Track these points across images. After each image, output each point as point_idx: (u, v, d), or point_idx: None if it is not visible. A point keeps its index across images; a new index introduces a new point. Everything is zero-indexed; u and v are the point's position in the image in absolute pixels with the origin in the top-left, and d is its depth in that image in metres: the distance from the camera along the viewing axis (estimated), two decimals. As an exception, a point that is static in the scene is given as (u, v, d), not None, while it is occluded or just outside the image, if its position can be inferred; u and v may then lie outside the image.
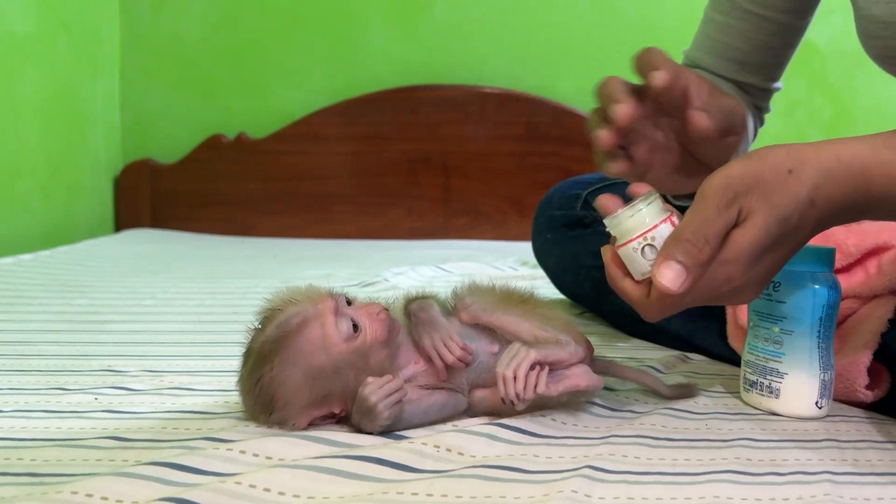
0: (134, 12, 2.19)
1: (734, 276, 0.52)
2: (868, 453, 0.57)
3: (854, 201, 0.53)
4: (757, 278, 0.54)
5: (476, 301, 0.64)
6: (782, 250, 0.54)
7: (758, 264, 0.53)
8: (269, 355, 0.58)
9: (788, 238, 0.53)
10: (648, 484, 0.50)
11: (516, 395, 0.57)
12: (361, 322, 0.59)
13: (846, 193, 0.52)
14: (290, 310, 0.59)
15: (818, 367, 0.63)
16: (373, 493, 0.48)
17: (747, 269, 0.52)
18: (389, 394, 0.56)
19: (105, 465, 0.52)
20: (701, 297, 0.53)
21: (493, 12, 2.15)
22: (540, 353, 0.59)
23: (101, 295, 1.18)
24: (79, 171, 2.03)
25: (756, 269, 0.53)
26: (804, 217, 0.52)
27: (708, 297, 0.54)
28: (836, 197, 0.52)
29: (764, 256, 0.53)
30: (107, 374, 0.75)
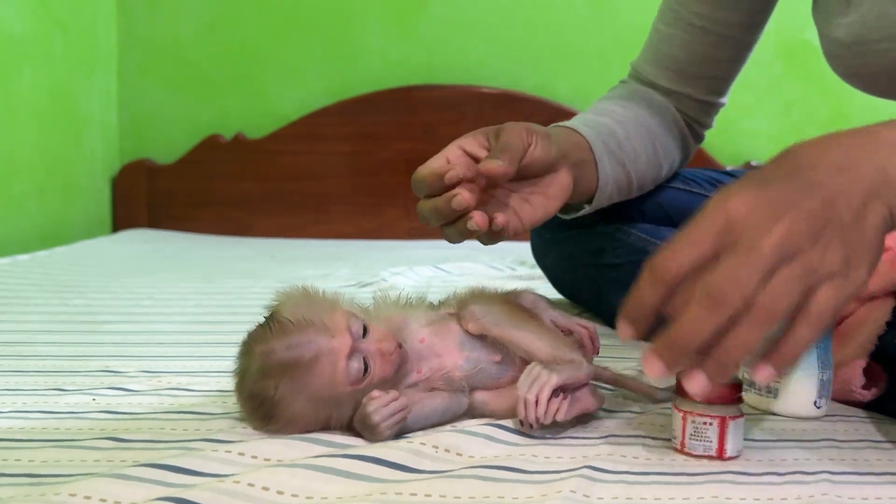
0: (130, 12, 2.19)
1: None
2: (866, 453, 0.57)
3: None
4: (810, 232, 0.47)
5: (486, 313, 0.63)
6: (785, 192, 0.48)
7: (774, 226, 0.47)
8: (275, 374, 0.56)
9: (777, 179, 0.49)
10: (647, 484, 0.50)
11: (536, 419, 0.56)
12: (372, 362, 0.58)
13: None
14: (304, 335, 0.57)
15: (817, 366, 0.63)
16: (371, 493, 0.48)
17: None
18: (393, 413, 0.56)
19: (103, 466, 0.52)
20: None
21: (490, 12, 2.15)
22: (561, 378, 0.57)
23: (99, 295, 1.18)
24: (75, 172, 2.02)
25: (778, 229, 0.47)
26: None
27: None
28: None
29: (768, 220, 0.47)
30: (104, 374, 0.75)
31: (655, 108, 0.90)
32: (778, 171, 0.50)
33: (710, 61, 0.88)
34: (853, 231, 0.48)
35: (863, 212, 0.48)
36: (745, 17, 0.87)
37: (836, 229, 0.47)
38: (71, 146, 2.00)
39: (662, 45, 0.90)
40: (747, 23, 0.87)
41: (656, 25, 0.92)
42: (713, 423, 0.53)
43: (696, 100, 0.91)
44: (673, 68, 0.90)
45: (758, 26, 0.88)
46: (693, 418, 0.54)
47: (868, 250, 0.48)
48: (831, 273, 0.47)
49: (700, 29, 0.87)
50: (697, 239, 0.48)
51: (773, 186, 0.48)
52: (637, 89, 0.93)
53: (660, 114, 0.90)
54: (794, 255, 0.46)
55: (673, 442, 0.55)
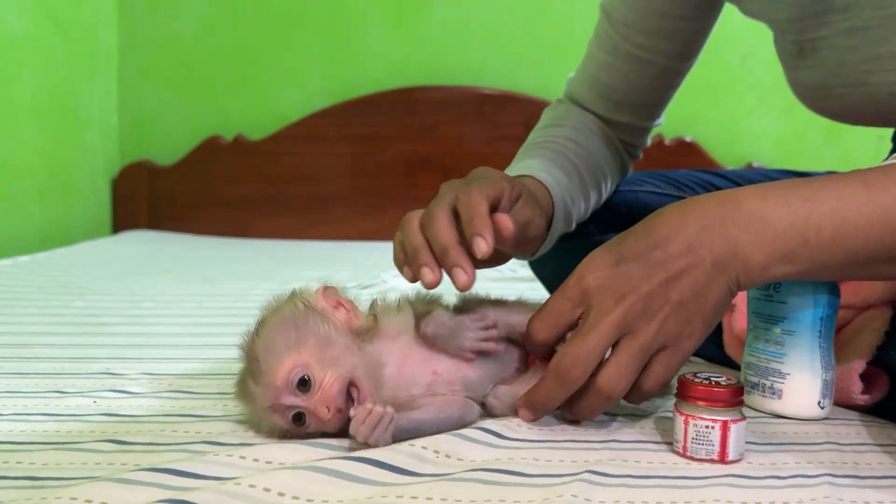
0: (131, 13, 2.19)
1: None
2: (868, 456, 0.56)
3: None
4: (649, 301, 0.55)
5: (499, 314, 0.63)
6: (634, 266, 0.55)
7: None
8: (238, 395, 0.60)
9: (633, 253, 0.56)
10: (649, 488, 0.50)
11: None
12: (309, 418, 0.56)
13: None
14: (244, 372, 0.59)
15: (820, 366, 0.63)
16: (372, 496, 0.48)
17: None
18: (374, 426, 0.54)
19: (104, 469, 0.52)
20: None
21: (491, 13, 2.15)
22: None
23: (99, 297, 1.18)
24: (76, 173, 2.02)
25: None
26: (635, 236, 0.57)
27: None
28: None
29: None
30: (105, 376, 0.75)
31: (601, 140, 0.89)
32: (635, 246, 0.56)
33: (648, 90, 0.88)
34: (692, 307, 0.55)
35: (704, 290, 0.55)
36: (682, 47, 0.86)
37: (674, 307, 0.54)
38: (71, 147, 2.00)
39: (601, 73, 0.88)
40: (684, 52, 0.87)
41: (593, 51, 0.89)
42: (715, 426, 0.53)
43: (634, 126, 0.91)
44: (613, 98, 0.89)
45: (694, 55, 0.88)
46: (695, 422, 0.54)
47: (703, 322, 0.55)
48: (664, 345, 0.55)
49: (639, 59, 0.85)
50: (559, 309, 0.58)
51: (625, 266, 0.56)
52: (582, 118, 0.90)
53: (607, 146, 0.90)
54: (633, 332, 0.55)
55: (675, 446, 0.55)
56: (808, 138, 2.07)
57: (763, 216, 0.54)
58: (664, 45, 0.84)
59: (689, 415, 0.54)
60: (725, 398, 0.53)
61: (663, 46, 0.84)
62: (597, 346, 0.55)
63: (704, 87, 2.04)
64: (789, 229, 0.54)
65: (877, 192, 0.53)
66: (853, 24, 0.68)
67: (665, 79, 0.88)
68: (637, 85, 0.87)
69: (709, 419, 0.53)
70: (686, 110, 2.02)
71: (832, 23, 0.69)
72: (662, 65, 0.86)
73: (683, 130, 2.07)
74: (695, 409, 0.54)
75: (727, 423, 0.53)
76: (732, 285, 0.55)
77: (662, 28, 0.84)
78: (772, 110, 2.08)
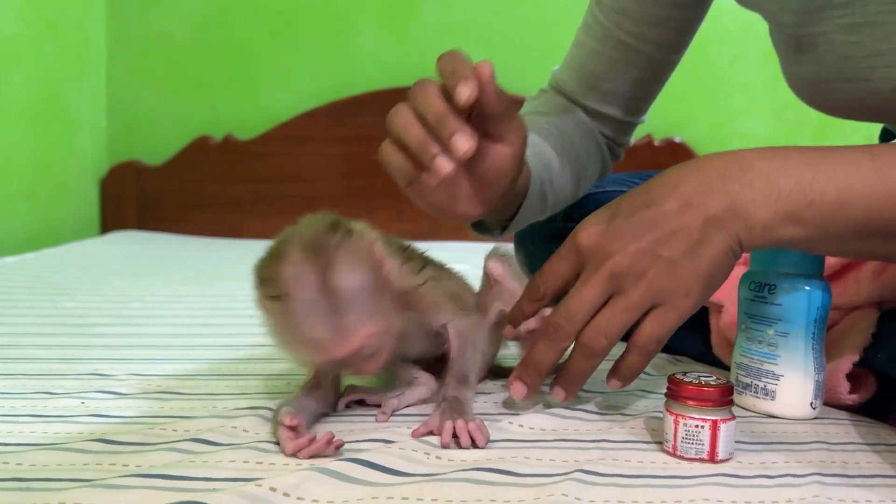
0: (121, 13, 2.18)
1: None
2: (857, 455, 0.57)
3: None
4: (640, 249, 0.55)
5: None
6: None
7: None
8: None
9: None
10: (639, 487, 0.50)
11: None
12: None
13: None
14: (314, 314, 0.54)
15: (813, 368, 0.63)
16: (363, 497, 0.48)
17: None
18: (312, 456, 0.53)
19: (92, 470, 0.51)
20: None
21: (482, 14, 2.15)
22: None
23: (88, 298, 1.17)
24: (65, 173, 2.01)
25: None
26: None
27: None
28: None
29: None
30: (94, 377, 0.74)
31: (584, 132, 0.88)
32: (631, 204, 0.56)
33: (636, 82, 0.87)
34: (685, 265, 0.54)
35: (698, 248, 0.54)
36: (673, 37, 0.85)
37: (664, 265, 0.54)
38: (60, 147, 1.99)
39: (589, 61, 0.87)
40: (675, 43, 0.86)
41: (582, 38, 0.88)
42: (705, 426, 0.53)
43: (618, 121, 0.90)
44: (600, 88, 0.87)
45: (683, 47, 0.87)
46: (685, 421, 0.54)
47: (701, 281, 0.55)
48: (656, 304, 0.55)
49: (629, 47, 0.84)
50: (555, 268, 0.59)
51: (616, 222, 0.56)
52: (566, 108, 0.89)
53: (587, 139, 0.88)
54: (621, 290, 0.55)
55: (665, 445, 0.55)
56: (797, 140, 2.08)
57: (768, 175, 0.54)
58: (655, 33, 0.83)
59: (679, 414, 0.54)
60: (715, 398, 0.53)
61: (654, 35, 0.84)
62: (584, 303, 0.56)
63: (694, 89, 2.05)
64: (795, 190, 0.53)
65: (883, 165, 0.52)
66: (854, 20, 0.67)
67: (654, 70, 0.87)
68: (626, 75, 0.86)
69: (698, 418, 0.53)
70: (675, 111, 2.03)
71: (831, 18, 0.69)
72: (652, 55, 0.85)
73: (673, 131, 2.08)
74: (684, 408, 0.54)
75: (717, 422, 0.53)
76: (733, 244, 0.54)
77: (654, 15, 0.83)
78: (761, 112, 2.09)
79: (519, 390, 0.60)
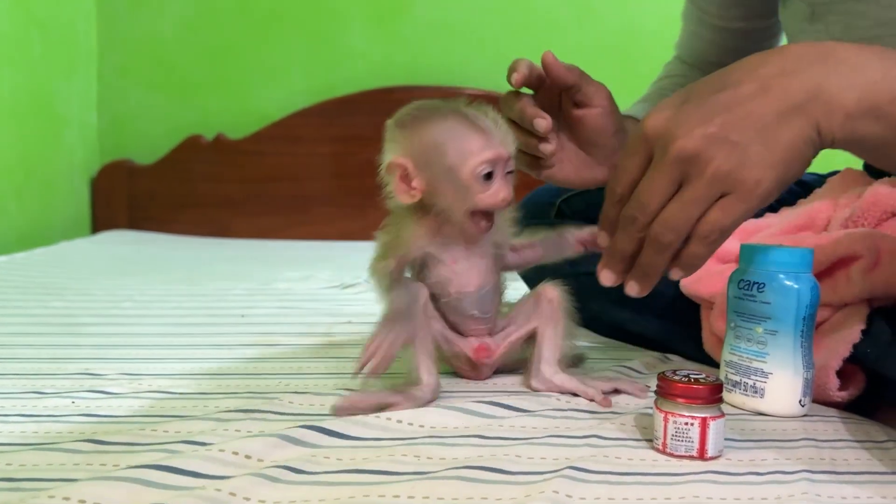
0: (111, 11, 2.17)
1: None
2: (845, 452, 0.57)
3: None
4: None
5: None
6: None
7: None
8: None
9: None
10: (629, 484, 0.51)
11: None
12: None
13: None
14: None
15: (802, 365, 0.63)
16: (354, 495, 0.48)
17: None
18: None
19: (82, 469, 0.51)
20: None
21: (473, 14, 2.15)
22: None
23: (78, 297, 1.17)
24: (54, 172, 2.00)
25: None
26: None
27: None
28: None
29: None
30: (84, 377, 0.74)
31: None
32: (704, 88, 0.53)
33: (742, 51, 0.91)
34: (757, 150, 0.50)
35: (773, 132, 0.50)
36: (757, 7, 0.90)
37: (733, 151, 0.50)
38: (50, 146, 1.98)
39: (694, 41, 0.98)
40: (761, 12, 0.91)
41: (683, 22, 0.98)
42: (694, 423, 0.54)
43: None
44: (710, 61, 0.96)
45: (773, 12, 0.90)
46: (675, 419, 0.54)
47: (772, 168, 0.51)
48: (725, 191, 0.51)
49: (721, 28, 0.93)
50: (626, 165, 0.55)
51: (686, 107, 0.52)
52: (689, 71, 1.00)
53: None
54: (688, 177, 0.52)
55: (655, 443, 0.56)
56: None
57: (855, 63, 0.51)
58: (737, 11, 0.89)
59: (669, 412, 0.54)
60: (704, 395, 0.54)
61: (737, 12, 0.89)
62: (653, 192, 0.53)
63: (685, 89, 2.06)
64: (881, 81, 0.50)
65: None
66: None
67: (753, 39, 0.92)
68: (728, 48, 0.92)
69: (688, 416, 0.54)
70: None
71: None
72: (744, 28, 0.90)
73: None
74: (674, 406, 0.54)
75: (706, 420, 0.54)
76: (812, 132, 0.51)
77: None
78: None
79: (606, 277, 0.59)
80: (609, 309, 0.90)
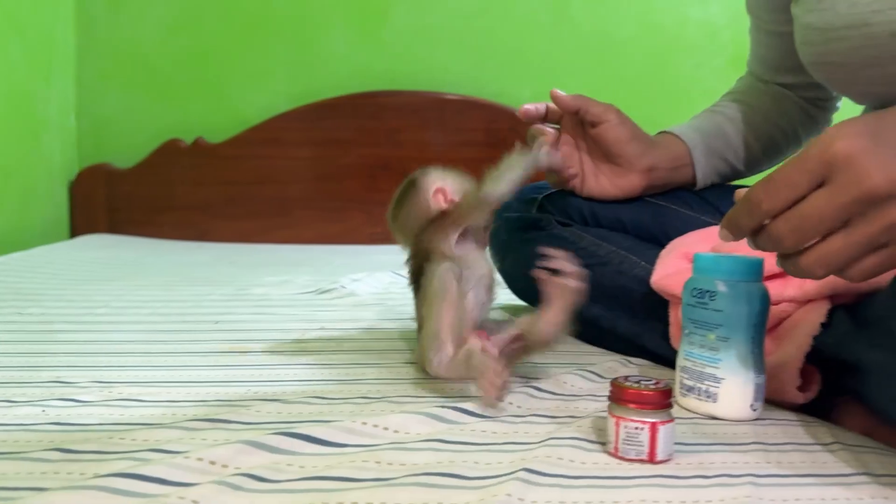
0: (90, 15, 2.17)
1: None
2: (792, 455, 0.59)
3: None
4: None
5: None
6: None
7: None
8: None
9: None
10: (581, 488, 0.52)
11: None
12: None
13: None
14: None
15: (753, 371, 0.66)
16: (313, 502, 0.50)
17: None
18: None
19: (50, 478, 0.52)
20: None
21: (453, 19, 2.17)
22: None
23: (55, 303, 1.17)
24: (33, 176, 2.00)
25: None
26: None
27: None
28: None
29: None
30: (56, 385, 0.75)
31: (776, 99, 1.06)
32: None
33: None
34: None
35: None
36: None
37: None
38: (29, 150, 1.98)
39: (758, 48, 1.06)
40: None
41: (750, 32, 1.08)
42: (644, 428, 0.56)
43: (801, 84, 1.04)
44: (773, 65, 1.05)
45: None
46: (625, 423, 0.56)
47: None
48: (889, 243, 0.51)
49: (776, 33, 1.00)
50: (796, 182, 0.52)
51: (882, 149, 0.50)
52: (753, 86, 1.09)
53: (779, 102, 1.06)
54: (864, 218, 0.50)
55: (607, 447, 0.58)
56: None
57: None
58: (785, 15, 0.93)
59: (620, 417, 0.56)
60: (654, 401, 0.56)
61: (785, 17, 0.93)
62: (821, 219, 0.51)
63: (658, 95, 2.08)
64: None
65: None
66: None
67: None
68: (785, 50, 0.97)
69: (638, 421, 0.56)
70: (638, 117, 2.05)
71: None
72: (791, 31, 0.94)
73: (640, 136, 2.11)
74: (625, 411, 0.56)
75: (656, 424, 0.56)
76: None
77: (775, 2, 0.98)
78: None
79: (724, 235, 0.58)
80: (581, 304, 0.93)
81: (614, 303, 0.90)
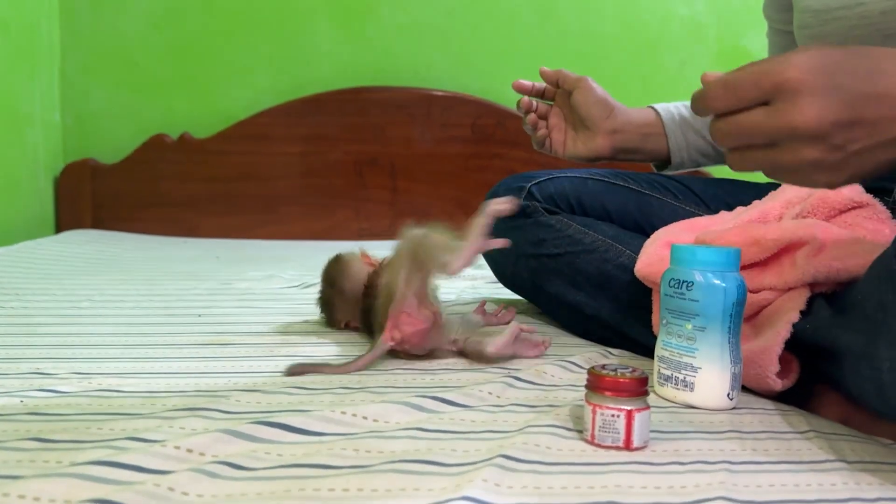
0: (74, 9, 2.16)
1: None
2: (767, 443, 0.60)
3: None
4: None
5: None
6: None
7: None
8: None
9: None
10: (556, 474, 0.53)
11: None
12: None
13: None
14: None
15: (729, 361, 0.66)
16: (289, 489, 0.50)
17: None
18: None
19: (25, 467, 0.52)
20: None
21: (439, 15, 2.17)
22: None
23: (37, 297, 1.17)
24: (18, 172, 1.99)
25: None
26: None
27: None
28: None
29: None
30: (35, 376, 0.75)
31: None
32: (854, 86, 0.53)
33: None
34: (853, 162, 0.54)
35: (878, 153, 0.53)
36: None
37: (838, 158, 0.53)
38: (13, 146, 1.97)
39: (774, 49, 1.10)
40: None
41: (767, 35, 1.11)
42: (620, 415, 0.56)
43: None
44: None
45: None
46: (602, 411, 0.56)
47: (849, 174, 0.54)
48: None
49: (785, 32, 1.03)
50: (744, 94, 0.55)
51: (836, 94, 0.52)
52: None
53: None
54: (790, 145, 0.54)
55: (584, 434, 0.58)
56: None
57: None
58: (791, 15, 0.97)
59: (597, 404, 0.57)
60: (630, 389, 0.56)
61: (792, 16, 0.96)
62: (755, 133, 0.55)
63: (643, 91, 2.09)
64: None
65: None
66: None
67: None
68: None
69: (614, 408, 0.56)
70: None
71: None
72: None
73: (626, 132, 2.12)
74: (602, 399, 0.57)
75: (632, 412, 0.56)
76: None
77: (781, 3, 1.02)
78: (711, 113, 2.14)
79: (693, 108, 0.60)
80: (566, 291, 0.94)
81: (599, 290, 0.91)
